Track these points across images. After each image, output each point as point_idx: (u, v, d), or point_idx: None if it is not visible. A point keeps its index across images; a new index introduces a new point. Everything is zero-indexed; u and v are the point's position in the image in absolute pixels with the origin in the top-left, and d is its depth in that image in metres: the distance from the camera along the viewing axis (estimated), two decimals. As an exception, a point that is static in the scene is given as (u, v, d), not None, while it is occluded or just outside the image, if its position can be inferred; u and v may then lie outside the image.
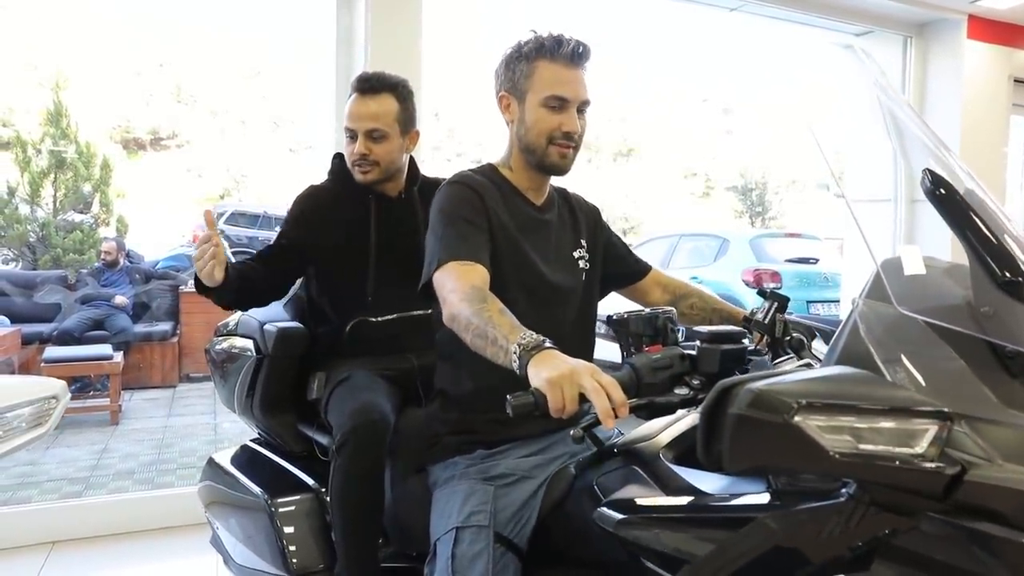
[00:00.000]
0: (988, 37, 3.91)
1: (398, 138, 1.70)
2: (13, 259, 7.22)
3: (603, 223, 1.54)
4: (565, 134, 1.31)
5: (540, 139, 1.32)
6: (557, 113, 1.30)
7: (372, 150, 1.66)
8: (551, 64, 1.30)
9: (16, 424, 1.62)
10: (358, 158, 1.67)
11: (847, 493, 0.81)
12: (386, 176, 1.72)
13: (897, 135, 1.12)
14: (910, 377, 0.79)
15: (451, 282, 1.19)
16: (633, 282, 1.57)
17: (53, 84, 7.83)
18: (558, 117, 1.30)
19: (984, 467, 0.73)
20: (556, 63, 1.29)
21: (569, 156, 1.34)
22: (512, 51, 1.34)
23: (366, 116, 1.66)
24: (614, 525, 1.03)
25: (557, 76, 1.30)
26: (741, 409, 0.76)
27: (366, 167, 1.68)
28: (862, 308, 0.88)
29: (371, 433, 1.46)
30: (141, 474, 3.97)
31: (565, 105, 1.30)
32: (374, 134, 1.66)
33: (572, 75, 1.30)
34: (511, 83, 1.34)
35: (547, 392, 0.93)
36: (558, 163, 1.34)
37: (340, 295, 1.71)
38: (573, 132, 1.31)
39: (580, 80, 1.31)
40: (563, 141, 1.31)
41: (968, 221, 0.87)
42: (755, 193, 17.68)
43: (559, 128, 1.30)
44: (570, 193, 1.52)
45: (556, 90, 1.29)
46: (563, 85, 1.29)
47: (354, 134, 1.67)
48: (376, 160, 1.67)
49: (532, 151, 1.34)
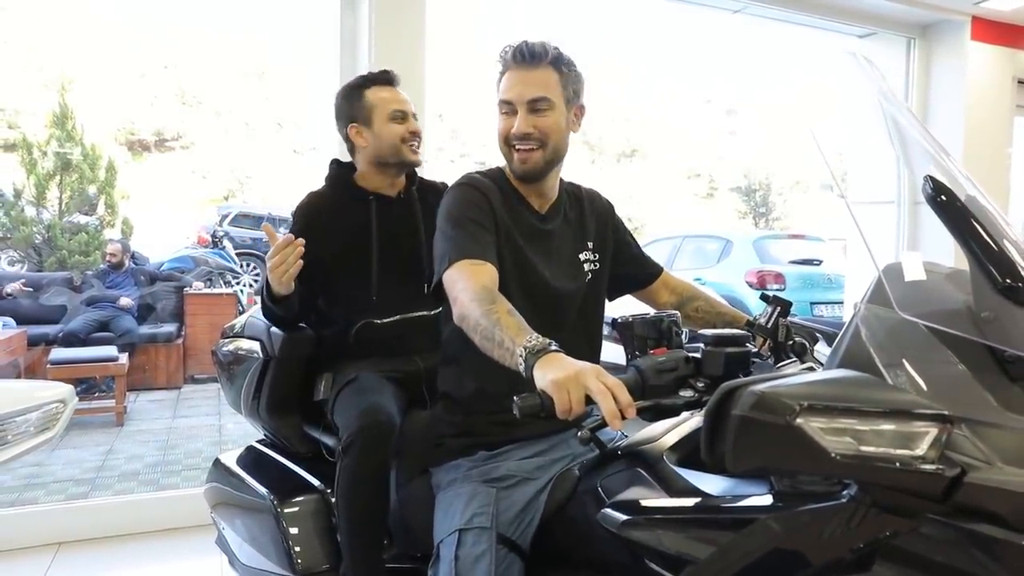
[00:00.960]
0: (992, 38, 3.91)
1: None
2: (19, 261, 7.25)
3: (616, 220, 1.54)
4: (515, 135, 1.31)
5: (502, 146, 1.35)
6: (508, 118, 1.32)
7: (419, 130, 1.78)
8: (507, 73, 1.33)
9: (24, 428, 1.63)
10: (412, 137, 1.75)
11: (848, 495, 0.82)
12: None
13: (899, 141, 1.13)
14: (911, 380, 0.80)
15: (462, 281, 1.20)
16: (645, 286, 1.58)
17: (58, 86, 7.86)
18: (510, 120, 1.32)
19: (984, 469, 0.74)
20: (509, 70, 1.32)
21: (532, 159, 1.33)
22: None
23: (408, 101, 1.77)
24: (618, 526, 1.04)
25: (507, 82, 1.32)
26: (744, 411, 0.77)
27: (418, 144, 1.76)
28: (864, 312, 0.89)
29: (377, 434, 1.47)
30: (146, 475, 3.99)
31: (512, 108, 1.31)
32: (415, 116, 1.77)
33: (518, 76, 1.31)
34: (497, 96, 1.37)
35: (554, 394, 0.94)
36: (519, 168, 1.35)
37: (345, 298, 1.73)
38: (518, 133, 1.31)
39: (527, 80, 1.30)
40: (519, 144, 1.32)
41: (969, 227, 0.88)
42: (759, 194, 17.66)
43: (509, 131, 1.32)
44: (583, 190, 1.51)
45: (503, 95, 1.33)
46: (508, 90, 1.32)
47: (405, 115, 1.75)
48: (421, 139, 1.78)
49: (505, 160, 1.37)
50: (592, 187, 1.54)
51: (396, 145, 1.72)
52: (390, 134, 1.72)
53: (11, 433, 1.60)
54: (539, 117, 1.31)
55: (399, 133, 1.72)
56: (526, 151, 1.32)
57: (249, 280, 8.53)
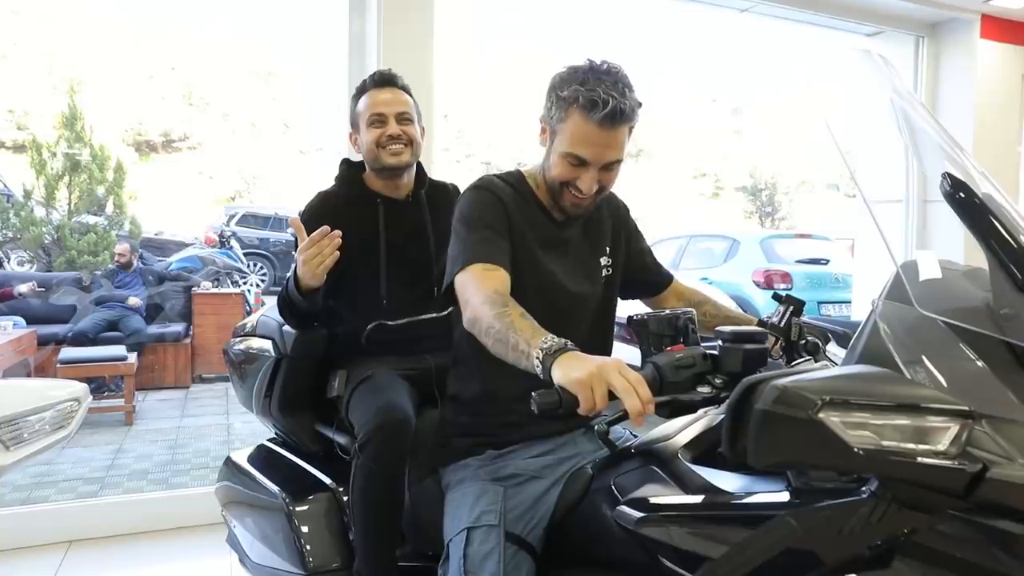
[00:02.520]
0: (1002, 36, 3.89)
1: (417, 127, 1.77)
2: (29, 261, 7.29)
3: (630, 222, 1.54)
4: (579, 188, 1.29)
5: (556, 184, 1.32)
6: (576, 168, 1.28)
7: (404, 131, 1.72)
8: (583, 121, 1.23)
9: (39, 427, 1.64)
10: (389, 140, 1.71)
11: (869, 491, 0.81)
12: (414, 161, 1.77)
13: (912, 137, 1.13)
14: (931, 376, 0.80)
15: (473, 285, 1.20)
16: (655, 293, 1.58)
17: (67, 88, 7.89)
18: (576, 172, 1.28)
19: (1005, 466, 0.74)
20: (588, 122, 1.22)
21: (583, 205, 1.33)
22: (557, 82, 1.27)
23: (394, 102, 1.74)
24: (634, 523, 1.04)
25: (585, 136, 1.24)
26: (766, 405, 0.77)
27: (399, 147, 1.71)
28: (882, 309, 0.88)
29: (394, 432, 1.47)
30: (155, 474, 4.01)
31: (585, 164, 1.27)
32: (403, 116, 1.73)
33: (601, 137, 1.23)
34: (548, 116, 1.30)
35: (578, 392, 0.94)
36: (570, 210, 1.34)
37: (356, 298, 1.73)
38: (586, 191, 1.29)
39: (609, 142, 1.25)
40: (576, 193, 1.30)
41: (988, 224, 0.88)
42: (765, 194, 17.63)
43: (574, 182, 1.29)
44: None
45: (578, 150, 1.25)
46: (587, 147, 1.25)
47: (383, 118, 1.72)
48: (408, 140, 1.73)
49: (550, 188, 1.35)
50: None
51: (373, 150, 1.72)
52: (368, 139, 1.73)
53: (27, 431, 1.61)
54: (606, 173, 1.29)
55: (374, 138, 1.72)
56: (585, 199, 1.31)
57: (256, 280, 8.56)
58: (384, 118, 1.72)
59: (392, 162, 1.72)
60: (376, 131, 1.72)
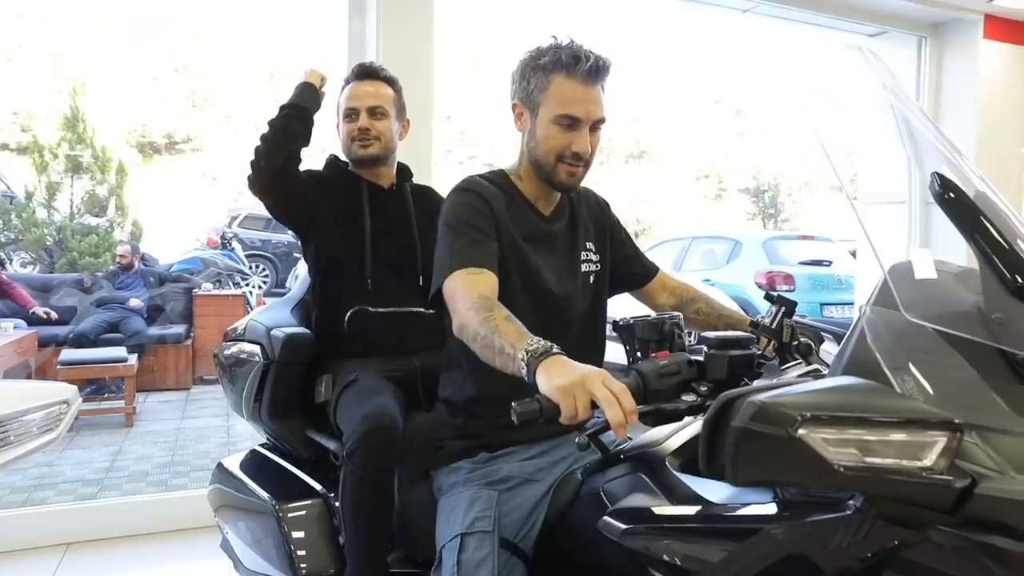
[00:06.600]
0: (1005, 37, 3.86)
1: (394, 121, 1.81)
2: (31, 262, 7.30)
3: (612, 217, 1.53)
4: (574, 154, 1.28)
5: (549, 156, 1.30)
6: (568, 131, 1.28)
7: (374, 126, 1.77)
8: (567, 80, 1.25)
9: (28, 429, 1.63)
10: (360, 133, 1.76)
11: (854, 506, 0.79)
12: (384, 155, 1.80)
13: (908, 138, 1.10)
14: (919, 386, 0.78)
15: (459, 291, 1.19)
16: (641, 285, 1.56)
17: (70, 89, 7.91)
18: (568, 136, 1.28)
19: (995, 479, 0.71)
20: (572, 80, 1.25)
21: (578, 174, 1.32)
22: (529, 59, 1.31)
23: (369, 95, 1.78)
24: (619, 535, 1.02)
25: (572, 94, 1.26)
26: (744, 422, 0.75)
27: (367, 141, 1.77)
28: (869, 315, 0.86)
29: (382, 438, 1.46)
30: (155, 476, 4.00)
31: (577, 124, 1.27)
32: (376, 111, 1.77)
33: (587, 93, 1.26)
34: (525, 93, 1.31)
35: (559, 400, 0.92)
36: (565, 181, 1.32)
37: (341, 277, 1.76)
38: (583, 152, 1.29)
39: (595, 98, 1.27)
40: (572, 160, 1.29)
41: (978, 225, 0.86)
42: (768, 195, 17.56)
43: (569, 147, 1.28)
44: (579, 190, 1.49)
45: (569, 109, 1.26)
46: (577, 104, 1.26)
47: (355, 112, 1.77)
48: (377, 135, 1.77)
49: (541, 166, 1.33)
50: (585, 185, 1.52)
51: (346, 142, 1.79)
52: (343, 132, 1.80)
53: (13, 434, 1.60)
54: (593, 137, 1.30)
55: (347, 131, 1.78)
56: (580, 167, 1.31)
57: (258, 281, 8.55)
58: (356, 112, 1.77)
59: (360, 154, 1.78)
60: (348, 124, 1.78)
